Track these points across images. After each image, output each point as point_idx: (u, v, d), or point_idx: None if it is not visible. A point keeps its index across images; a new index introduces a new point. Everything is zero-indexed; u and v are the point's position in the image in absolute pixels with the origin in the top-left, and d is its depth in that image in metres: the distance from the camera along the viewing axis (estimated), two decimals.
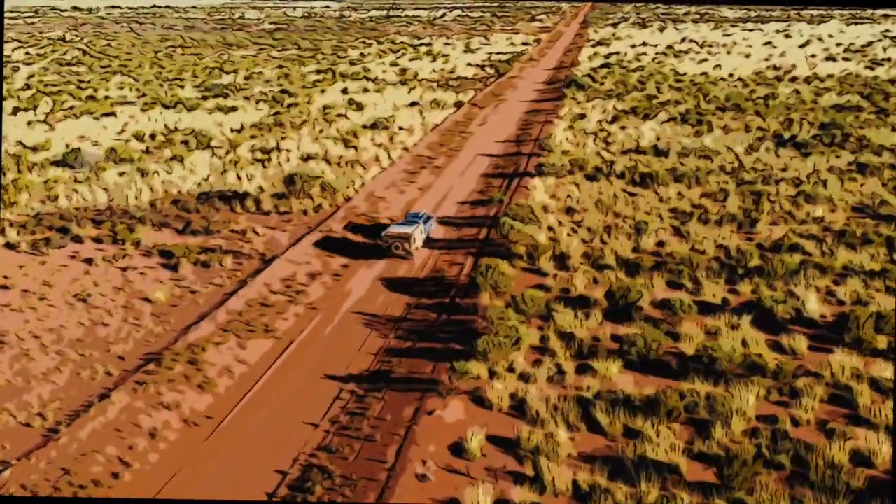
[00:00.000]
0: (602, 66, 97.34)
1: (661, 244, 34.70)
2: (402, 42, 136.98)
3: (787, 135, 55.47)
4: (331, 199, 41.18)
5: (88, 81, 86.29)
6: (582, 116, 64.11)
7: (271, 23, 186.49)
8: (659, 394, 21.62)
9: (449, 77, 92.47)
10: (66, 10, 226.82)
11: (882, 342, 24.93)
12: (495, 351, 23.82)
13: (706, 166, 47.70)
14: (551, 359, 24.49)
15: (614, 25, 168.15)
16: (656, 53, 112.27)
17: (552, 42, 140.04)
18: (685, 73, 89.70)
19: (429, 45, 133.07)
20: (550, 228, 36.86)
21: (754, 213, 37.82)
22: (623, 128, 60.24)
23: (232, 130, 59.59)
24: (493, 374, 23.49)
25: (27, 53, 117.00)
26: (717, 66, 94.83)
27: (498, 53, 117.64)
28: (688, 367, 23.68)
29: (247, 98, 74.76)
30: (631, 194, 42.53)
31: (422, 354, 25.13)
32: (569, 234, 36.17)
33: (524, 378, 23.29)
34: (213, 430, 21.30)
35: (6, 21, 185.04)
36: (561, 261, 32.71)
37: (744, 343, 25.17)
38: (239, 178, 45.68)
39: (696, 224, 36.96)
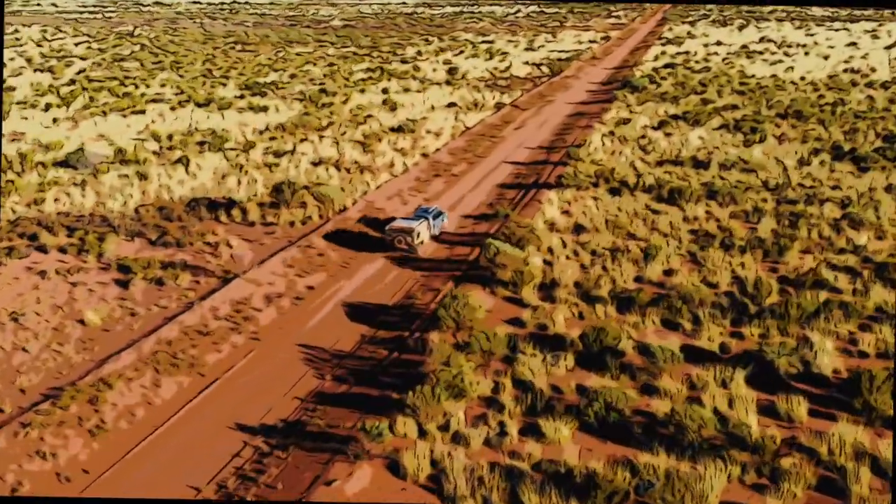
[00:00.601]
0: (666, 67, 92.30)
1: (669, 273, 30.67)
2: (464, 40, 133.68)
3: (846, 146, 50.20)
4: (322, 210, 38.17)
5: (134, 78, 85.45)
6: (626, 121, 59.81)
7: (342, 19, 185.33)
8: (605, 470, 17.90)
9: (500, 76, 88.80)
10: (147, 5, 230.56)
11: None
12: (429, 404, 20.37)
13: (748, 181, 43.21)
14: (498, 414, 20.94)
15: (692, 23, 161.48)
16: (728, 53, 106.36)
17: (622, 40, 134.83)
18: (753, 76, 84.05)
19: (491, 42, 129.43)
20: (550, 250, 33.12)
21: (786, 239, 33.29)
22: (668, 135, 55.80)
23: (255, 132, 57.23)
24: (423, 432, 20.07)
25: (89, 48, 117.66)
26: (790, 69, 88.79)
27: (560, 52, 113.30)
28: (653, 433, 19.83)
29: (284, 97, 72.52)
30: (654, 212, 38.41)
31: (352, 402, 21.89)
32: (568, 258, 32.41)
33: (457, 439, 19.80)
34: (84, 488, 18.43)
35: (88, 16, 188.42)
36: (550, 290, 29.01)
37: (730, 404, 21.16)
38: (239, 183, 43.10)
39: (716, 250, 32.73)
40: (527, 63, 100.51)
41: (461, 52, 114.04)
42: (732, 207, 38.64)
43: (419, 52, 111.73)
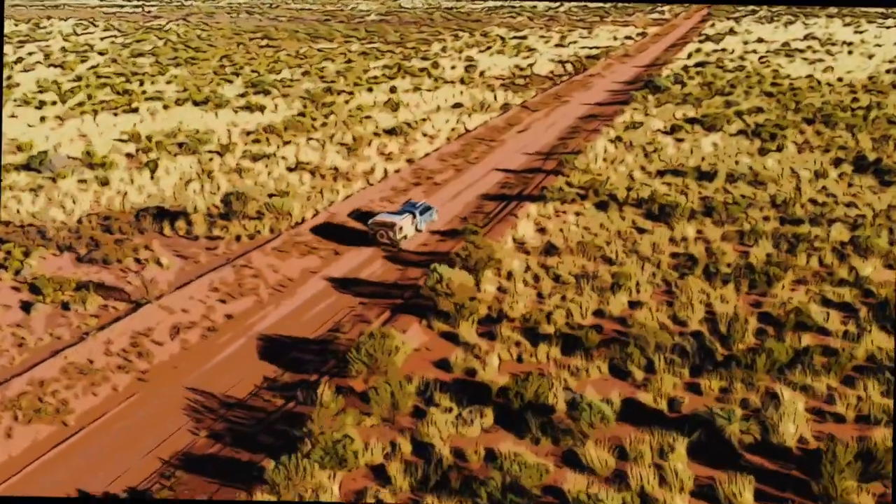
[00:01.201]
0: (697, 66, 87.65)
1: (636, 305, 26.95)
2: (496, 35, 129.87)
3: (872, 157, 45.67)
4: (276, 223, 35.09)
5: (143, 74, 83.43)
6: (638, 125, 55.74)
7: (379, 14, 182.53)
8: None
9: (520, 75, 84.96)
10: (189, 1, 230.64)
11: (867, 500, 16.85)
12: (295, 477, 17.08)
13: (753, 196, 39.11)
14: (381, 489, 17.57)
15: (737, 20, 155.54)
16: (767, 51, 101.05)
17: (659, 36, 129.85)
18: (788, 76, 79.03)
19: (523, 38, 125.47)
20: (510, 275, 29.60)
21: (777, 267, 29.28)
22: (680, 140, 51.69)
23: (243, 133, 54.41)
24: None
25: (113, 42, 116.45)
26: (829, 69, 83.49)
27: (592, 48, 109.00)
28: None
29: (286, 96, 69.70)
30: (639, 230, 34.64)
31: (217, 468, 18.70)
32: (527, 285, 28.84)
33: None
34: None
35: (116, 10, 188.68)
36: (495, 323, 25.54)
37: (662, 480, 17.54)
38: (202, 189, 40.27)
39: (696, 279, 28.91)
40: (553, 60, 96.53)
41: (488, 48, 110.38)
42: (728, 227, 34.67)
43: (444, 49, 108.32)
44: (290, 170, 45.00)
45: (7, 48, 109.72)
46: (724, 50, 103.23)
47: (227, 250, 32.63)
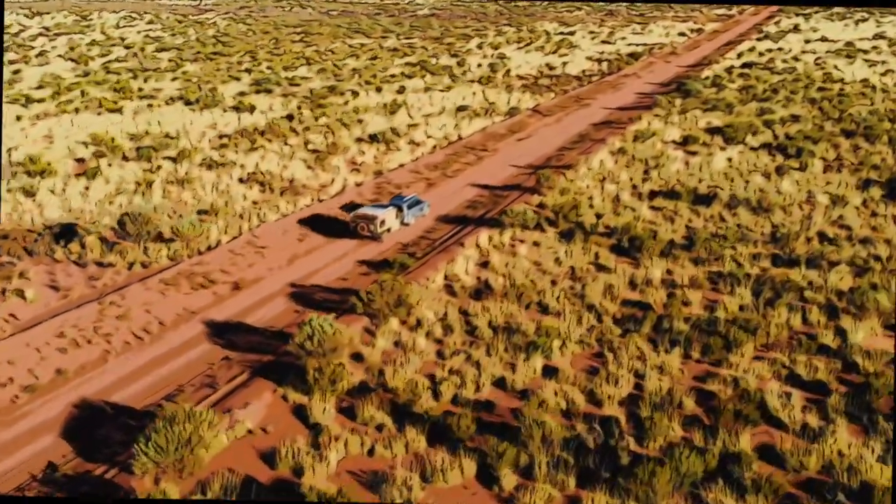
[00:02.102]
0: (744, 66, 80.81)
1: (551, 372, 21.70)
2: (543, 30, 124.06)
3: None
4: (179, 250, 30.68)
5: (156, 69, 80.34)
6: (650, 135, 49.88)
7: (431, 8, 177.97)
8: None
9: (549, 74, 79.31)
10: None
11: None
12: None
13: (752, 226, 33.29)
14: None
15: (806, 17, 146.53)
16: (827, 52, 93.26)
17: (717, 33, 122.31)
18: (840, 80, 71.71)
19: (570, 34, 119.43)
20: (417, 324, 24.59)
21: (740, 330, 23.62)
22: (692, 154, 45.84)
23: (216, 136, 50.32)
24: None
25: (147, 36, 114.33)
26: (889, 72, 75.78)
27: (638, 45, 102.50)
28: None
29: (286, 95, 65.54)
30: (599, 268, 29.25)
31: None
32: (429, 337, 23.80)
33: None
34: None
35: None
36: (363, 395, 20.61)
37: None
38: (129, 203, 36.18)
39: (640, 338, 23.45)
40: (590, 58, 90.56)
41: (528, 44, 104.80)
42: (705, 267, 28.96)
43: (480, 45, 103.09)
44: (241, 181, 40.63)
45: (41, 40, 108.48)
46: (780, 49, 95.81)
47: (111, 281, 28.30)
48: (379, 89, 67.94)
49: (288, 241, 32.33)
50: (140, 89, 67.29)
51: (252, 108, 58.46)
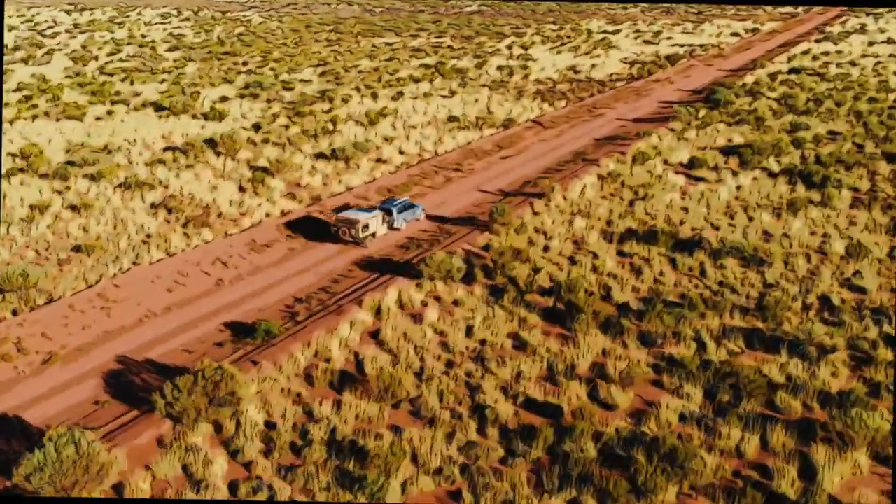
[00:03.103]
0: (791, 72, 72.49)
1: None
2: (585, 29, 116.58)
3: None
4: (8, 302, 25.03)
5: (151, 71, 75.61)
6: (651, 156, 42.74)
7: (480, 5, 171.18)
8: None
9: (570, 79, 72.21)
10: None
11: None
12: None
13: (736, 284, 26.25)
14: None
15: (876, 17, 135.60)
16: (890, 55, 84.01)
17: (775, 33, 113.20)
18: None
19: (614, 32, 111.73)
20: (232, 436, 18.36)
21: (662, 472, 16.84)
22: (697, 180, 38.70)
23: (164, 149, 44.87)
24: None
25: (170, 34, 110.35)
26: None
27: (682, 46, 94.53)
28: None
29: (270, 101, 59.95)
30: (519, 345, 22.62)
31: None
32: (236, 461, 17.54)
33: None
34: None
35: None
36: None
37: None
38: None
39: (522, 469, 16.90)
40: (624, 60, 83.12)
41: (563, 44, 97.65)
42: (655, 349, 22.09)
43: (510, 45, 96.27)
44: (152, 206, 34.94)
45: (63, 38, 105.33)
46: (839, 52, 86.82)
47: None
48: (375, 95, 61.78)
49: (152, 293, 26.39)
50: (118, 93, 62.32)
51: (222, 116, 52.85)
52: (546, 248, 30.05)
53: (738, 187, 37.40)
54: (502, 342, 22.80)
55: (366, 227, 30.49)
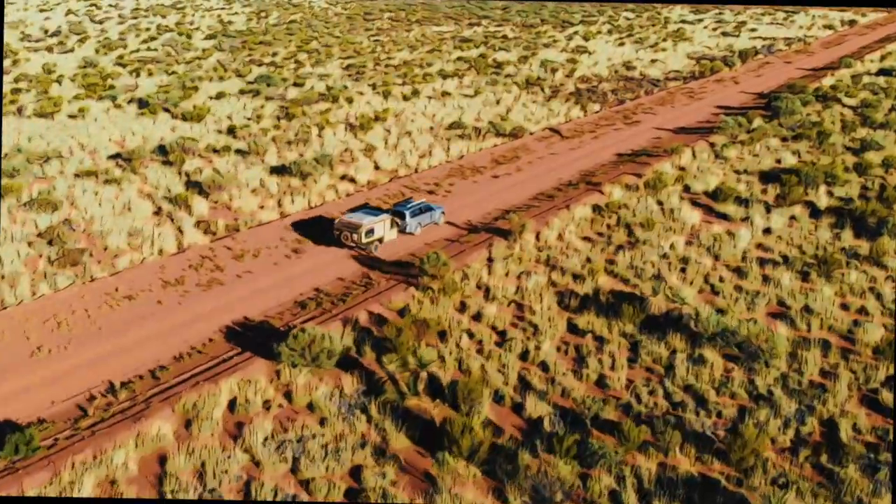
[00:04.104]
0: (879, 73, 62.52)
1: None
2: (664, 17, 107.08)
3: None
4: None
5: (158, 63, 70.66)
6: (670, 180, 34.87)
7: None
8: None
9: (623, 76, 63.92)
10: None
11: None
12: None
13: (712, 393, 18.68)
14: None
15: None
16: None
17: (874, 27, 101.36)
18: None
19: (693, 22, 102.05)
20: None
21: None
22: (717, 217, 30.73)
23: (113, 156, 39.31)
24: None
25: (220, 21, 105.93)
26: None
27: (765, 39, 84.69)
28: None
29: (269, 98, 53.93)
30: (356, 490, 15.59)
31: None
32: None
33: None
34: None
35: None
36: None
37: None
38: None
39: None
40: (692, 56, 74.15)
41: (631, 34, 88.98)
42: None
43: (570, 35, 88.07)
44: (40, 235, 29.15)
45: (109, 24, 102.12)
46: None
47: None
48: (387, 94, 55.01)
49: None
50: (111, 87, 57.27)
51: (200, 118, 46.99)
52: (477, 317, 22.85)
53: (767, 230, 29.24)
54: (339, 484, 15.85)
55: (370, 231, 27.65)
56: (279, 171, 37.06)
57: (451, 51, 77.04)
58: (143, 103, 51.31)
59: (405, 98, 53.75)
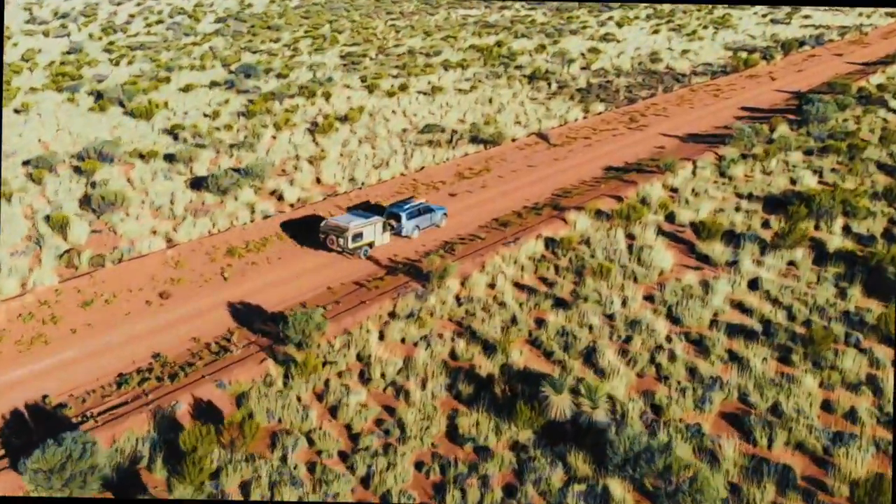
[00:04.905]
0: None
1: None
2: (709, 9, 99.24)
3: None
4: None
5: (148, 50, 66.28)
6: (648, 208, 28.88)
7: None
8: None
9: (646, 69, 57.48)
10: None
11: None
12: None
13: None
14: None
15: None
16: None
17: None
18: None
19: (745, 8, 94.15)
20: None
21: None
22: (700, 259, 24.69)
23: (25, 163, 34.79)
24: None
25: (241, 4, 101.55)
26: None
27: (818, 28, 77.04)
28: None
29: (239, 93, 48.99)
30: None
31: None
32: None
33: None
34: None
35: None
36: None
37: None
38: None
39: None
40: (729, 47, 67.09)
41: (670, 20, 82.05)
42: None
43: (602, 22, 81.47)
44: None
45: (121, 7, 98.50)
46: None
47: None
48: (372, 88, 49.57)
49: None
50: (79, 77, 52.93)
51: (149, 115, 42.21)
52: (335, 410, 17.39)
53: (754, 282, 23.11)
54: None
55: (357, 236, 25.60)
56: (197, 185, 31.97)
57: (468, 38, 71.16)
58: (100, 96, 46.75)
59: (390, 94, 48.21)
